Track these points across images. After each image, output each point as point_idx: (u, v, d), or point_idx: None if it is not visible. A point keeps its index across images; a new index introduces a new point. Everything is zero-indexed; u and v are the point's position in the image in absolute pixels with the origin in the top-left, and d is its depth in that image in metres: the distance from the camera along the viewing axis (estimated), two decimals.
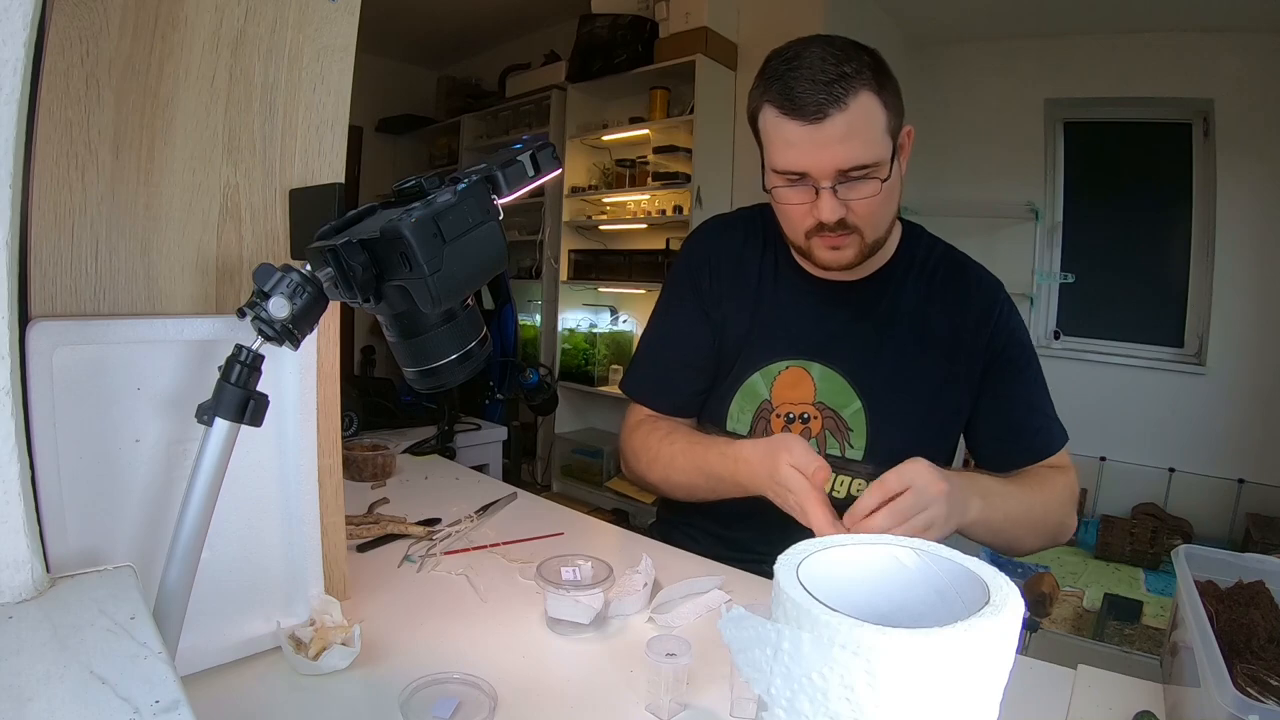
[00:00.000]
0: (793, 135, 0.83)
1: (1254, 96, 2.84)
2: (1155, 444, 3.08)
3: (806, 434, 0.98)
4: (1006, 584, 0.40)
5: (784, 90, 0.82)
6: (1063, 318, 3.35)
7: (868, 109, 0.82)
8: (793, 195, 0.88)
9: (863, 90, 0.81)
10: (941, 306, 0.98)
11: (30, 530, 0.43)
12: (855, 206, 0.86)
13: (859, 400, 0.97)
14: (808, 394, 0.98)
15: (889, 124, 0.84)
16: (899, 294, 0.99)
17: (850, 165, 0.83)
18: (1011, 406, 0.98)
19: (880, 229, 0.92)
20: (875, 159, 0.83)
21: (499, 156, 0.55)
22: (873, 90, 0.82)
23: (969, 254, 1.05)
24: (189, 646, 0.58)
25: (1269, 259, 2.88)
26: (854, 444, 0.97)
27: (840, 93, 0.80)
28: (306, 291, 0.50)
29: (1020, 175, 3.31)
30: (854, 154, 0.82)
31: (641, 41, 3.18)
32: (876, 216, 0.89)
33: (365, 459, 1.25)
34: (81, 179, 0.59)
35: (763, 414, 1.00)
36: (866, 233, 0.90)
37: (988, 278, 1.02)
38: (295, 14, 0.70)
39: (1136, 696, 0.66)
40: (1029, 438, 0.97)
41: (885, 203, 0.88)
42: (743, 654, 0.39)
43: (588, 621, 0.74)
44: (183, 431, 0.60)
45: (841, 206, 0.86)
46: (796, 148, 0.84)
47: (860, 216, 0.87)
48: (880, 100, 0.82)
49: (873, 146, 0.83)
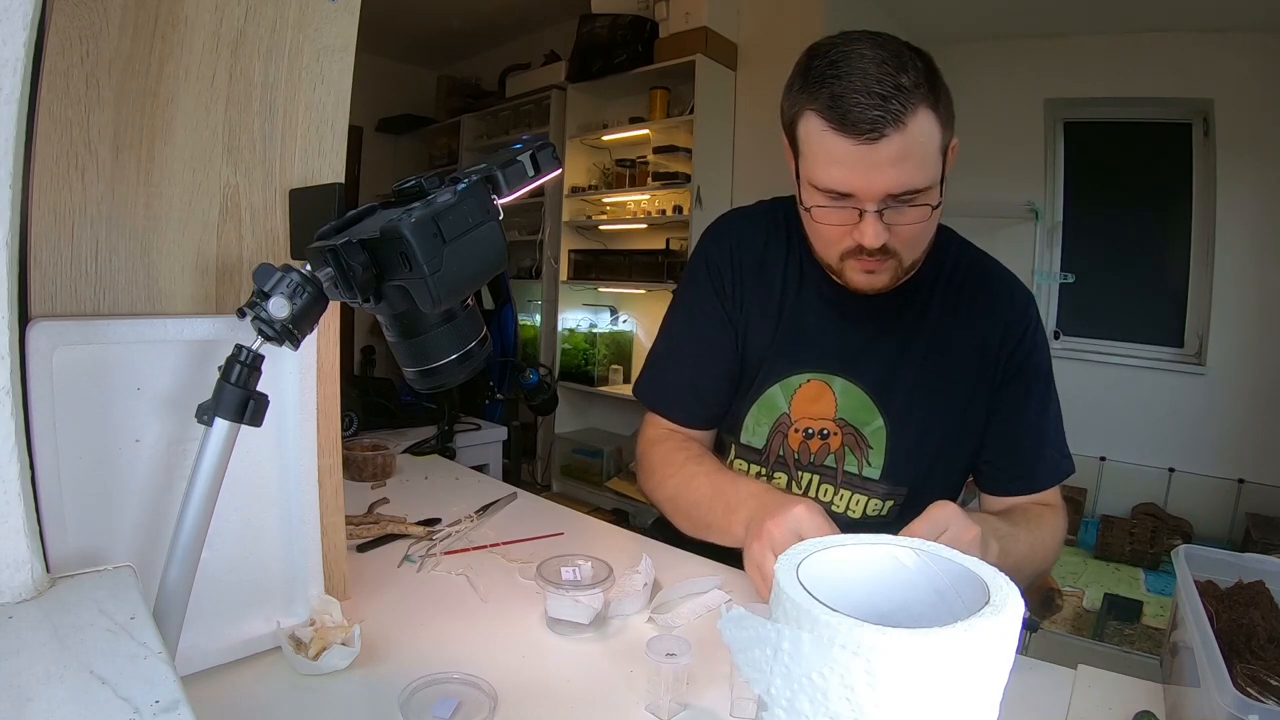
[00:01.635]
0: (841, 153, 0.75)
1: (1254, 96, 2.84)
2: (1155, 444, 3.08)
3: (825, 450, 0.94)
4: (1006, 584, 0.40)
5: (833, 101, 0.73)
6: (1063, 318, 3.35)
7: (926, 128, 0.74)
8: (834, 216, 0.80)
9: (921, 106, 0.73)
10: (968, 319, 0.93)
11: (30, 530, 0.43)
12: (900, 231, 0.79)
13: (881, 418, 0.92)
14: (829, 409, 0.94)
15: (943, 141, 0.77)
16: (926, 306, 0.94)
17: (903, 189, 0.75)
18: (1019, 432, 0.93)
19: (919, 251, 0.86)
20: (929, 183, 0.76)
21: (499, 156, 0.55)
22: (930, 106, 0.74)
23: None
24: (189, 646, 0.58)
25: (1269, 259, 2.88)
26: (872, 462, 0.93)
27: (898, 110, 0.71)
28: (306, 291, 0.50)
29: (1020, 175, 3.31)
30: (908, 178, 0.75)
31: (641, 41, 3.18)
32: (919, 240, 0.83)
33: (365, 459, 1.25)
34: (81, 179, 0.59)
35: (780, 427, 0.95)
36: (905, 256, 0.84)
37: (1020, 292, 0.96)
38: (295, 14, 0.70)
39: (1136, 696, 0.66)
40: (1029, 468, 0.93)
41: (930, 226, 0.83)
42: (743, 654, 0.39)
43: (588, 621, 0.73)
44: (183, 431, 0.60)
45: (885, 231, 0.78)
46: (845, 167, 0.75)
47: (903, 241, 0.81)
48: (937, 117, 0.75)
49: (927, 169, 0.76)
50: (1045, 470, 0.94)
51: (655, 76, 3.21)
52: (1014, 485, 0.94)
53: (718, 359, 0.98)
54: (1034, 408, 0.94)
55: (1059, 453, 0.94)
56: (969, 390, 0.93)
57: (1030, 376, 0.93)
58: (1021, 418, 0.93)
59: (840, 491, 0.95)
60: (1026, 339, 0.93)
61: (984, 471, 0.96)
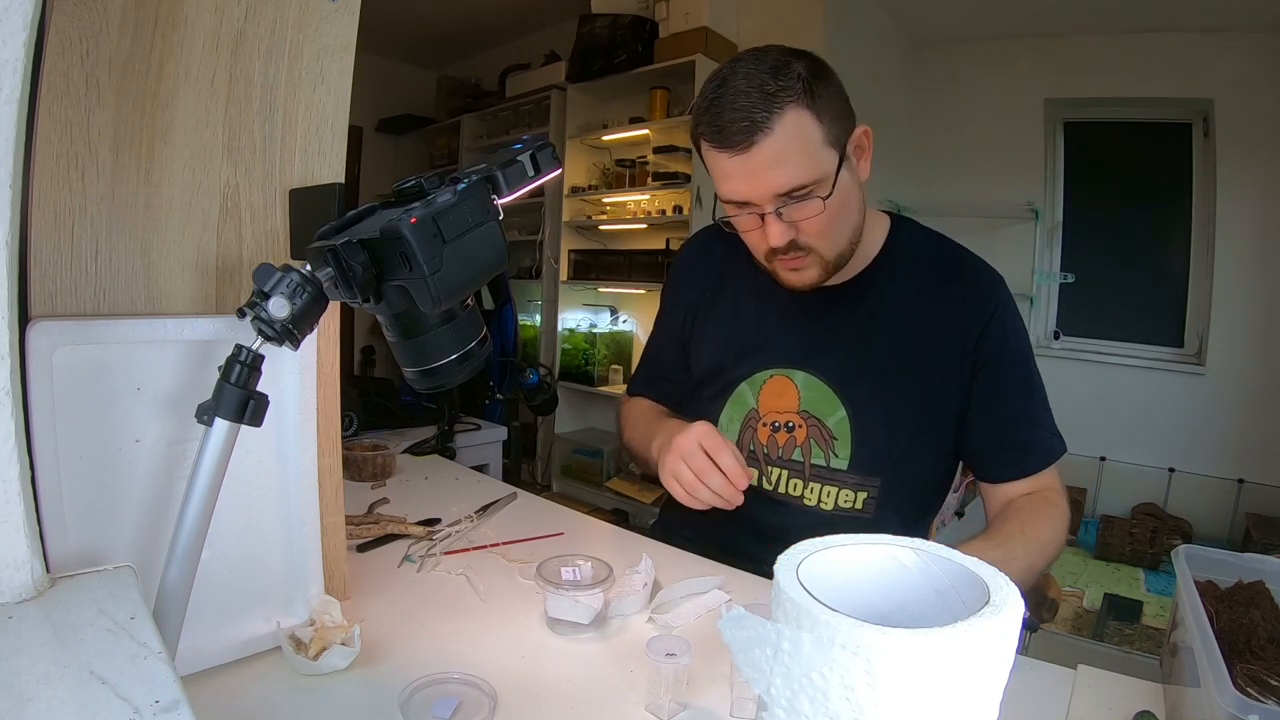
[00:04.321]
0: (727, 167, 0.81)
1: (1254, 96, 2.84)
2: (1155, 444, 3.08)
3: (791, 443, 0.97)
4: (1006, 584, 0.40)
5: (712, 121, 0.80)
6: (1063, 318, 3.35)
7: (798, 127, 0.78)
8: (745, 223, 0.86)
9: (789, 108, 0.77)
10: (933, 301, 0.94)
11: (30, 530, 0.43)
12: (803, 227, 0.84)
13: (843, 408, 0.94)
14: (792, 403, 0.97)
15: (827, 135, 0.80)
16: (886, 290, 0.95)
17: (789, 188, 0.80)
18: (1004, 415, 0.93)
19: (839, 244, 0.89)
20: (814, 177, 0.80)
21: (499, 156, 0.55)
22: (803, 105, 0.78)
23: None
24: (189, 646, 0.58)
25: (1269, 259, 2.88)
26: (839, 453, 0.95)
27: (764, 116, 0.77)
28: (306, 291, 0.50)
29: (1020, 175, 3.31)
30: (789, 176, 0.79)
31: (641, 41, 3.18)
32: (830, 233, 0.86)
33: (365, 459, 1.25)
34: (81, 179, 0.59)
35: (750, 423, 1.00)
36: (823, 250, 0.87)
37: (987, 272, 0.96)
38: (295, 14, 0.70)
39: (1136, 696, 0.66)
40: (1021, 452, 0.93)
41: (837, 217, 0.85)
42: (743, 654, 0.39)
43: (588, 621, 0.73)
44: (183, 431, 0.60)
45: (790, 229, 0.83)
46: (734, 179, 0.82)
47: (811, 236, 0.85)
48: (813, 113, 0.79)
49: (808, 165, 0.80)
50: (1037, 452, 0.93)
51: (655, 76, 3.21)
52: (1008, 471, 0.93)
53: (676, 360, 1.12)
54: (1017, 391, 0.93)
55: (1049, 432, 0.94)
56: (937, 377, 0.93)
57: (1008, 360, 0.93)
58: (1006, 403, 0.93)
59: (810, 485, 0.96)
60: (996, 323, 0.92)
61: (977, 461, 0.96)
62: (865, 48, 3.09)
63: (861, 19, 3.01)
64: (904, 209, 3.40)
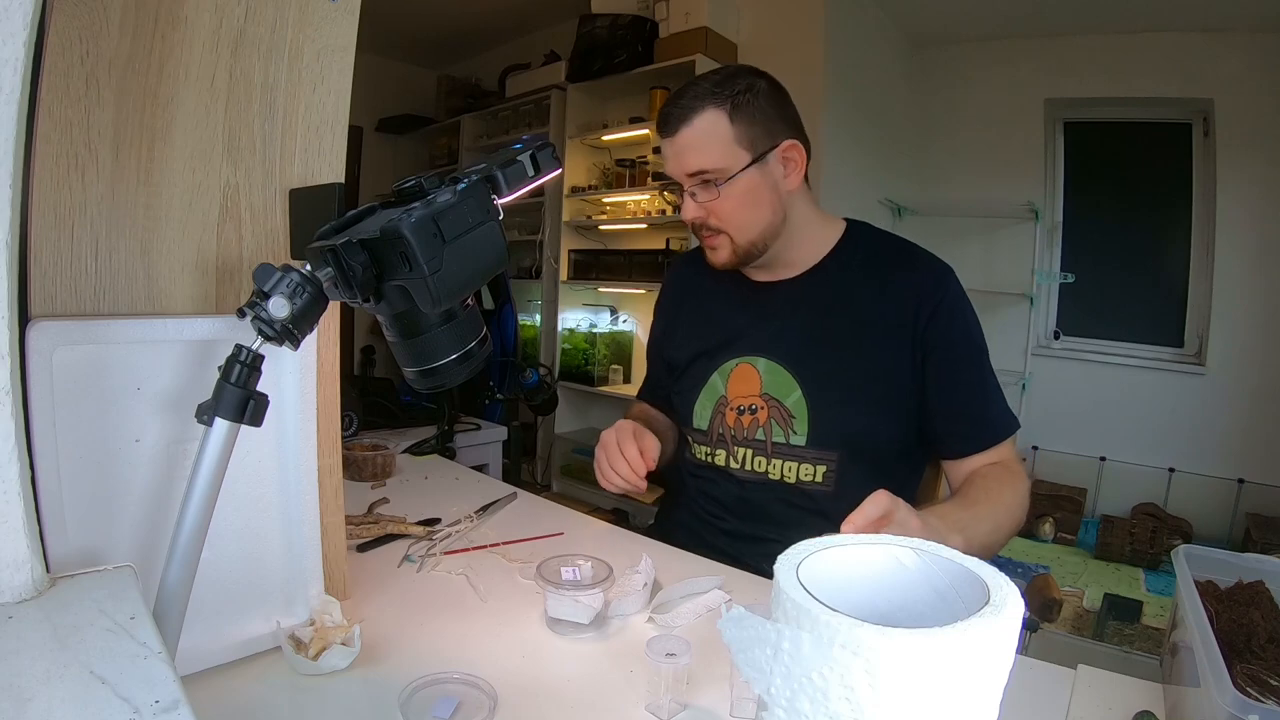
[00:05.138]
0: (664, 149, 1.01)
1: (1254, 96, 2.84)
2: (1155, 444, 3.08)
3: (755, 424, 1.06)
4: (1006, 584, 0.40)
5: (660, 113, 1.00)
6: (1063, 318, 3.35)
7: (711, 123, 0.96)
8: (679, 198, 1.04)
9: (709, 108, 0.96)
10: (883, 289, 1.03)
11: (30, 530, 0.43)
12: (711, 208, 1.00)
13: (799, 389, 1.03)
14: (755, 387, 1.06)
15: (740, 137, 0.96)
16: (840, 283, 1.05)
17: (693, 170, 0.98)
18: (958, 395, 1.01)
19: (746, 232, 1.01)
20: (715, 166, 0.97)
21: (499, 156, 0.55)
22: (721, 108, 0.96)
23: (968, 253, 1.06)
24: (189, 646, 0.58)
25: (1269, 259, 2.88)
26: (797, 430, 1.03)
27: (686, 110, 0.96)
28: (306, 291, 0.50)
29: (1020, 175, 3.31)
30: (696, 161, 0.97)
31: (641, 41, 3.18)
32: (735, 220, 1.00)
33: (365, 459, 1.25)
34: (81, 179, 0.59)
35: (720, 408, 1.09)
36: (733, 234, 1.02)
37: (937, 265, 1.05)
38: (295, 14, 0.70)
39: (1136, 696, 0.66)
40: (976, 428, 1.00)
41: (740, 208, 0.99)
42: (743, 654, 0.39)
43: (588, 621, 0.74)
44: (183, 431, 0.60)
45: (701, 209, 1.00)
46: (666, 160, 1.01)
47: (719, 218, 1.00)
48: (729, 117, 0.96)
49: (713, 156, 0.96)
50: (991, 428, 1.00)
51: (655, 76, 3.21)
52: (965, 445, 1.01)
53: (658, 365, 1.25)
54: (969, 372, 1.01)
55: (1001, 409, 1.02)
56: (888, 360, 1.01)
57: (957, 345, 1.01)
58: (957, 383, 1.01)
59: (772, 461, 1.05)
60: (944, 310, 1.00)
61: (936, 441, 1.03)
62: (865, 48, 3.09)
63: (861, 19, 3.01)
64: (904, 209, 3.40)
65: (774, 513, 1.05)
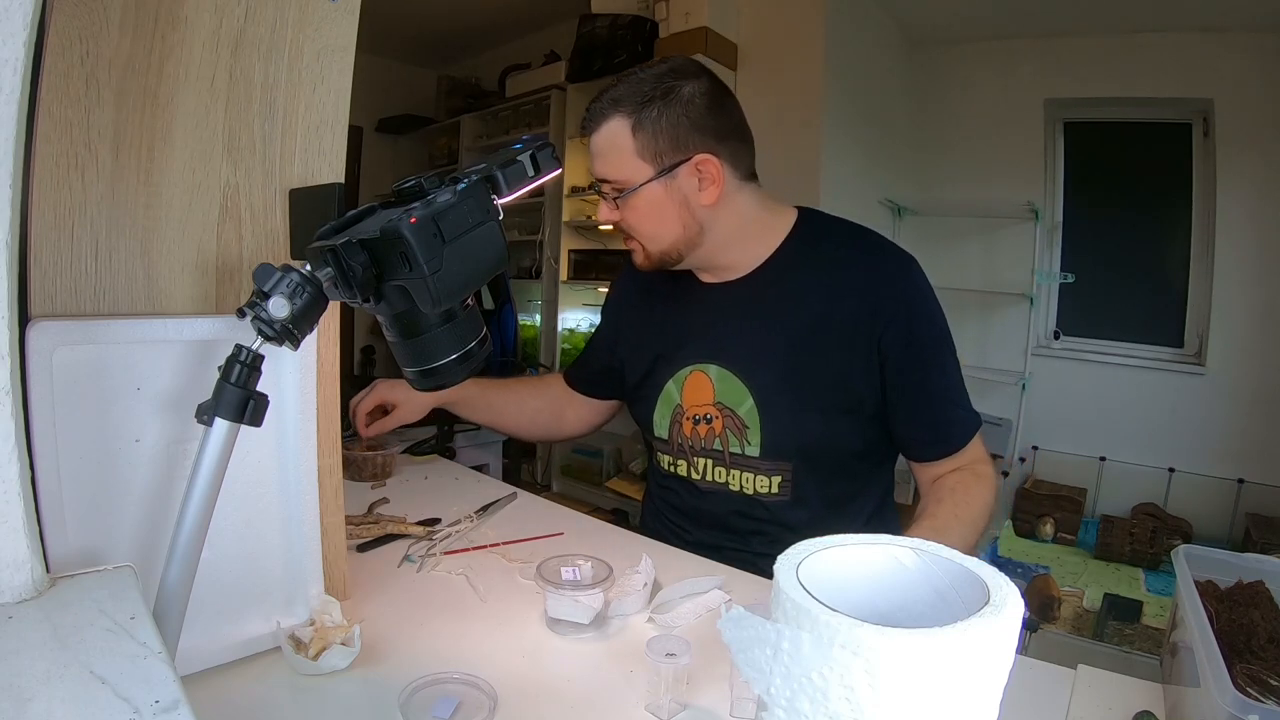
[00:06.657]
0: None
1: (1254, 96, 2.83)
2: (1155, 444, 3.08)
3: (711, 434, 1.03)
4: (1006, 584, 0.40)
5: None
6: (1063, 318, 3.34)
7: (613, 134, 0.93)
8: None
9: (613, 118, 0.92)
10: (834, 289, 0.97)
11: (30, 530, 0.43)
12: (623, 215, 0.97)
13: (751, 397, 0.99)
14: (708, 395, 1.03)
15: (641, 150, 0.92)
16: (788, 280, 1.00)
17: (599, 177, 0.96)
18: (920, 400, 0.97)
19: (654, 241, 0.98)
20: (616, 177, 0.94)
21: (499, 156, 0.56)
22: (625, 119, 0.92)
23: (968, 254, 1.05)
24: (189, 646, 0.58)
25: (1269, 259, 2.87)
26: (751, 441, 0.99)
27: (596, 117, 0.94)
28: (306, 291, 0.50)
29: (1020, 175, 3.30)
30: (600, 169, 0.96)
31: (641, 41, 3.18)
32: (641, 231, 0.98)
33: (365, 459, 1.25)
34: (81, 179, 0.59)
35: (677, 417, 1.06)
36: (644, 241, 0.99)
37: (891, 258, 0.99)
38: (295, 14, 0.70)
39: (1136, 696, 0.66)
40: (943, 432, 0.97)
41: (644, 221, 0.96)
42: (743, 654, 0.39)
43: (588, 621, 0.73)
44: (183, 431, 0.60)
45: (615, 212, 0.97)
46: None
47: (628, 225, 0.98)
48: (630, 129, 0.92)
49: (613, 166, 0.94)
50: (957, 430, 0.97)
51: None
52: (931, 450, 0.98)
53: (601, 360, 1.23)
54: (933, 373, 0.97)
55: (964, 412, 0.98)
56: (843, 365, 0.96)
57: (919, 344, 0.96)
58: (922, 386, 0.96)
59: (731, 472, 1.02)
60: (903, 310, 0.95)
61: (902, 445, 1.01)
62: (865, 48, 3.09)
63: (861, 19, 3.01)
64: (904, 209, 3.40)
65: (732, 524, 1.02)
